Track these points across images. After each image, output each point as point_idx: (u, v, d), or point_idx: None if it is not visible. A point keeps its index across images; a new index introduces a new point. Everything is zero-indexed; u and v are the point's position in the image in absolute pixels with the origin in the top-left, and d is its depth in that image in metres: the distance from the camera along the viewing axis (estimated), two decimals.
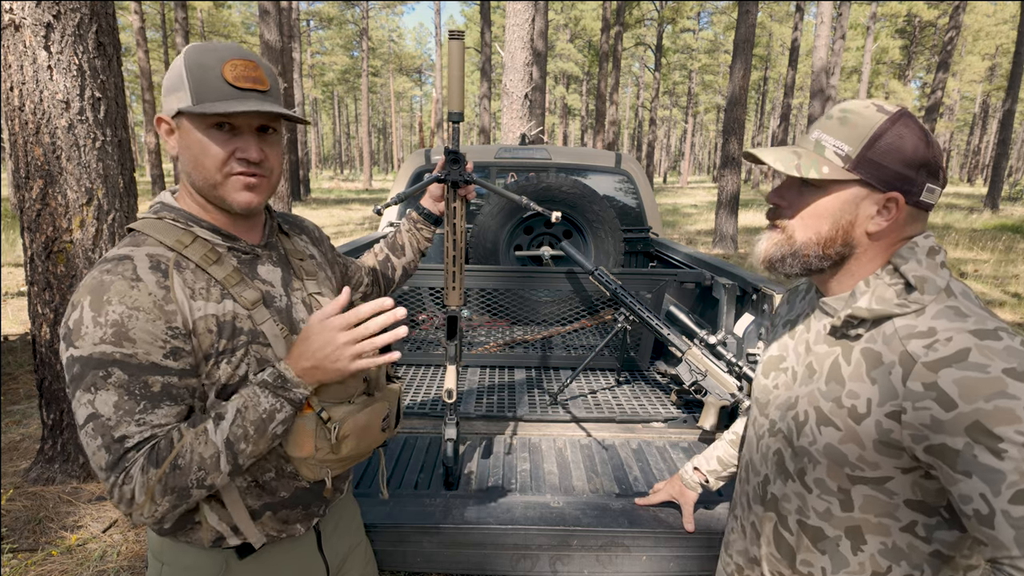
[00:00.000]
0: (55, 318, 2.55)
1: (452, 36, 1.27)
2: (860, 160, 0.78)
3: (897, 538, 0.79)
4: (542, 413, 1.99)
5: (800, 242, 0.83)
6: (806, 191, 0.83)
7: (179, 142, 0.87)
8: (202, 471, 0.79)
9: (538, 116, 11.79)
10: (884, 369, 0.76)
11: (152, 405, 0.79)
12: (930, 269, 0.78)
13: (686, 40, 35.65)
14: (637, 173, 3.49)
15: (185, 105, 0.84)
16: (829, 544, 0.84)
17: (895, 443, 0.75)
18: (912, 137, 0.77)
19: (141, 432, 0.78)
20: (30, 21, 2.32)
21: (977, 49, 33.65)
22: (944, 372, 0.69)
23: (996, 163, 16.70)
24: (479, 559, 1.41)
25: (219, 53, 0.85)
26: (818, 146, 0.81)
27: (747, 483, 1.00)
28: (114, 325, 0.77)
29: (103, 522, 2.43)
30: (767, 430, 0.94)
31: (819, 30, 11.80)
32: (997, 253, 10.09)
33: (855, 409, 0.78)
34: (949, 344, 0.70)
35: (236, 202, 0.88)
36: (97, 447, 0.78)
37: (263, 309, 0.90)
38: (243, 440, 0.81)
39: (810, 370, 0.87)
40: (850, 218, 0.80)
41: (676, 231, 13.55)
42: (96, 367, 0.77)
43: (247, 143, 0.87)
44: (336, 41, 38.57)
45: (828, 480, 0.83)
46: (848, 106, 0.81)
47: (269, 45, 10.34)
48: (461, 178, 1.34)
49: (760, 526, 0.95)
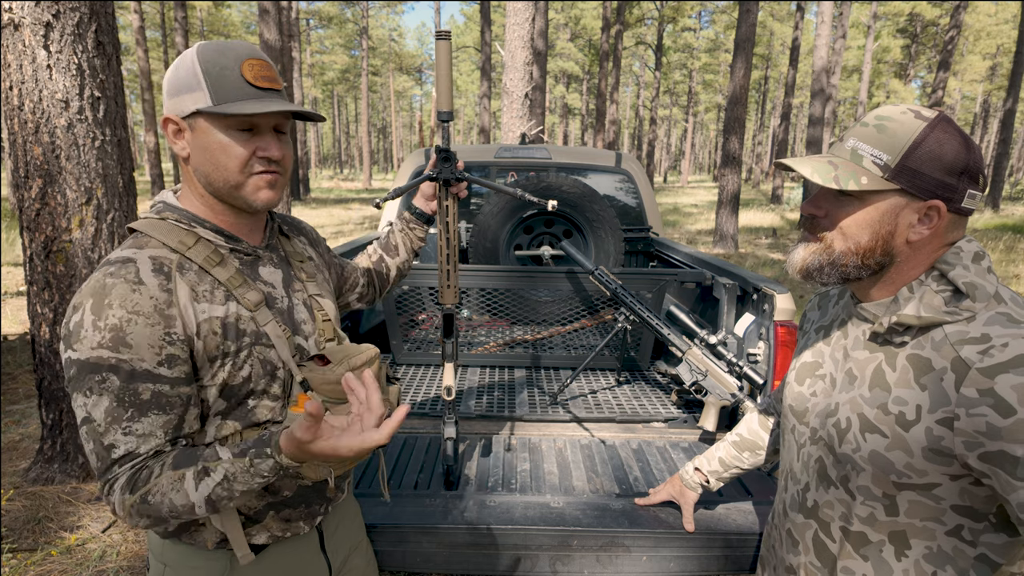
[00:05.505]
0: (54, 318, 2.54)
1: (439, 36, 1.28)
2: (900, 169, 0.76)
3: (942, 542, 0.78)
4: (542, 413, 1.98)
5: (839, 252, 0.81)
6: (844, 200, 0.81)
7: (193, 143, 0.86)
8: (173, 512, 0.79)
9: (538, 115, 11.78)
10: (935, 375, 0.74)
11: (139, 414, 0.79)
12: (978, 275, 0.76)
13: (687, 39, 35.62)
14: (637, 172, 3.48)
15: (205, 105, 0.82)
16: (872, 550, 0.83)
17: (945, 450, 0.73)
18: (952, 143, 0.75)
19: (127, 443, 0.79)
20: (29, 20, 2.31)
21: (978, 48, 33.61)
22: (1001, 378, 0.68)
23: (997, 163, 16.69)
24: (479, 559, 1.40)
25: (235, 52, 0.84)
26: (855, 155, 0.79)
27: (785, 492, 0.98)
28: (112, 330, 0.77)
29: (102, 522, 2.43)
30: (808, 438, 0.92)
31: (820, 29, 11.80)
32: (998, 253, 10.08)
33: (903, 416, 0.77)
34: (1006, 350, 0.69)
35: (259, 200, 0.88)
36: (90, 451, 0.80)
37: (266, 310, 0.90)
38: (226, 499, 0.80)
39: (850, 376, 0.85)
40: (890, 228, 0.78)
41: (676, 231, 13.55)
42: (92, 371, 0.77)
43: (268, 142, 0.87)
44: (336, 40, 38.55)
45: (873, 487, 0.81)
46: (884, 112, 0.79)
47: (269, 44, 10.33)
48: (453, 176, 1.34)
49: (799, 534, 0.94)
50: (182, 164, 0.90)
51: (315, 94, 43.80)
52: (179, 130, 0.87)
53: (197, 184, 0.89)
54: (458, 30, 39.87)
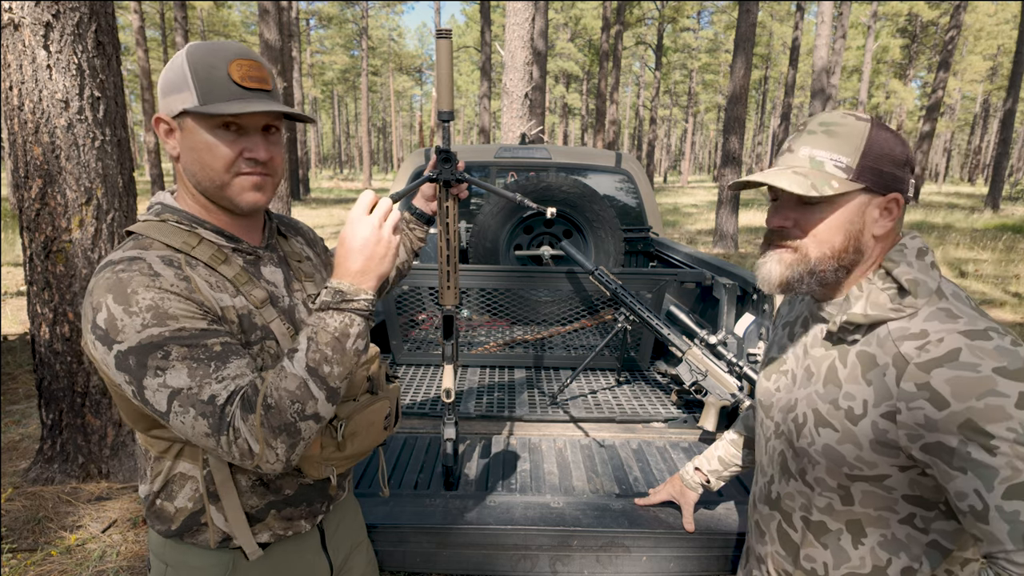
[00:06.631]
0: (54, 318, 2.54)
1: (440, 35, 1.27)
2: (861, 168, 0.79)
3: (896, 530, 0.81)
4: (542, 413, 1.98)
5: (815, 259, 0.83)
6: (812, 208, 0.82)
7: (182, 142, 0.86)
8: (297, 403, 0.77)
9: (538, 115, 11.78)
10: (879, 371, 0.77)
11: (222, 363, 0.78)
12: (922, 271, 0.79)
13: (686, 39, 35.61)
14: (637, 172, 3.48)
15: (192, 105, 0.82)
16: (831, 538, 0.86)
17: (891, 443, 0.76)
18: (892, 138, 0.80)
19: (225, 387, 0.77)
20: (29, 20, 2.31)
21: (978, 49, 33.61)
22: (936, 372, 0.71)
23: (997, 163, 16.68)
24: (479, 559, 1.40)
25: (224, 52, 0.84)
26: (814, 162, 0.81)
27: (756, 484, 1.02)
28: (150, 309, 0.76)
29: (102, 522, 2.43)
30: (772, 432, 0.96)
31: (820, 29, 11.78)
32: (998, 253, 10.09)
33: (852, 411, 0.80)
34: (940, 345, 0.72)
35: (244, 202, 0.88)
36: (192, 418, 0.75)
37: (271, 308, 0.91)
38: (325, 363, 0.79)
39: (808, 373, 0.88)
40: (859, 226, 0.82)
41: (676, 230, 13.54)
42: (152, 350, 0.75)
43: (255, 143, 0.86)
44: (336, 40, 38.55)
45: (828, 479, 0.84)
46: (826, 118, 0.83)
47: (269, 44, 10.33)
48: (453, 177, 1.34)
49: (765, 525, 0.97)
50: (174, 163, 0.90)
51: (315, 94, 43.79)
52: (170, 130, 0.87)
53: (188, 184, 0.89)
54: (458, 30, 39.84)
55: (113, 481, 2.67)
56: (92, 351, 0.79)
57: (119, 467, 2.70)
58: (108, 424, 2.67)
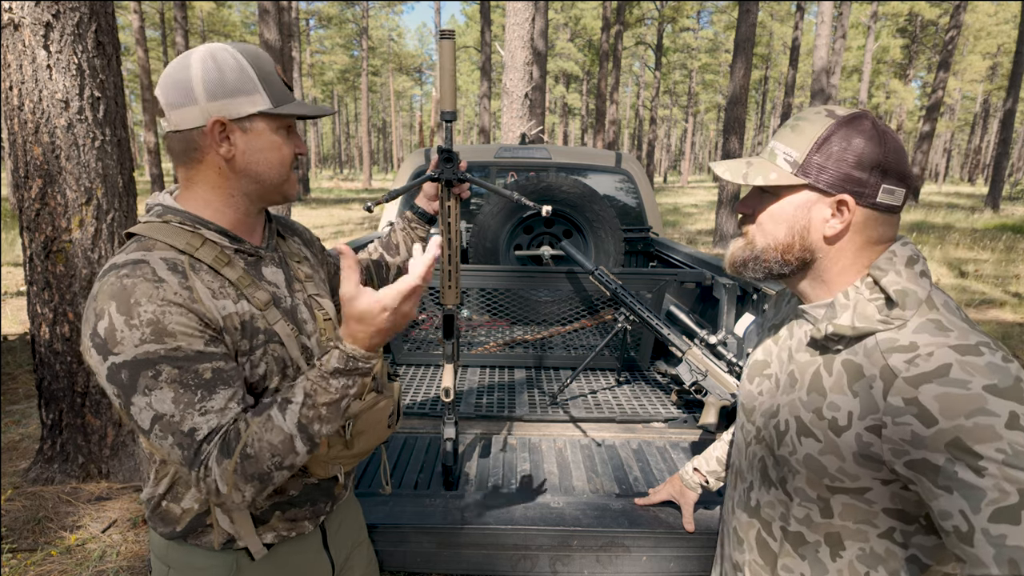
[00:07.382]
0: (54, 318, 2.55)
1: (443, 36, 1.27)
2: (806, 164, 0.79)
3: (875, 544, 0.79)
4: (542, 413, 1.98)
5: (760, 247, 0.85)
6: (764, 198, 0.84)
7: (247, 144, 0.87)
8: (277, 456, 0.78)
9: (538, 115, 11.78)
10: (865, 382, 0.75)
11: (209, 392, 0.78)
12: (910, 280, 0.77)
13: (686, 39, 35.61)
14: (637, 172, 3.48)
15: (267, 107, 0.86)
16: (809, 550, 0.84)
17: (875, 456, 0.74)
18: (861, 139, 0.76)
19: (207, 421, 0.77)
20: (29, 20, 2.32)
21: (978, 48, 33.62)
22: (925, 388, 0.69)
23: (997, 162, 16.68)
24: (479, 559, 1.41)
25: (266, 57, 0.90)
26: (771, 154, 0.83)
27: (734, 489, 1.00)
28: (150, 324, 0.76)
29: (102, 522, 2.43)
30: (753, 437, 0.94)
31: (820, 29, 11.78)
32: (998, 253, 10.09)
33: (836, 421, 0.78)
34: (930, 359, 0.70)
35: (293, 192, 0.96)
36: (170, 446, 0.77)
37: (274, 310, 0.91)
38: (317, 421, 0.80)
39: (792, 379, 0.87)
40: (804, 223, 0.81)
41: (676, 231, 13.55)
42: (144, 368, 0.75)
43: (299, 140, 0.94)
44: (336, 40, 38.55)
45: (808, 489, 0.83)
46: (802, 114, 0.83)
47: (269, 44, 10.32)
48: (455, 176, 1.34)
49: (743, 532, 0.95)
50: (202, 166, 0.88)
51: (315, 94, 43.78)
52: (225, 132, 0.86)
53: (224, 184, 0.88)
54: (458, 30, 39.83)
55: (113, 481, 2.68)
56: (87, 356, 0.79)
57: (119, 467, 2.71)
58: (108, 424, 2.67)
